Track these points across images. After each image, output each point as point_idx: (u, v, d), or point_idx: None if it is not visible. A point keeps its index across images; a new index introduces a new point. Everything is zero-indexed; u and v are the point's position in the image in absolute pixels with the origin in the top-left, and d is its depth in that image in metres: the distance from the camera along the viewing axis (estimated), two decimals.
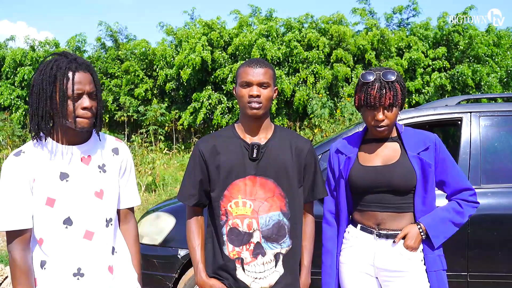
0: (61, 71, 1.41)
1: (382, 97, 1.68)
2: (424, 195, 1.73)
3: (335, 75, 10.80)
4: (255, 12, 12.44)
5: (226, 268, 1.66)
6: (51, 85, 1.41)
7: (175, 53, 11.94)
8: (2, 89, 11.66)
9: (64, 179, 1.46)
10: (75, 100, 1.42)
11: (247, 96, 1.63)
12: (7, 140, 8.70)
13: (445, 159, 1.76)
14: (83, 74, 1.44)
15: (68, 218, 1.46)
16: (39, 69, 1.45)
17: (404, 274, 1.71)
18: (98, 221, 1.51)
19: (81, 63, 1.46)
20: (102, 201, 1.53)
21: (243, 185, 1.65)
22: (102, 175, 1.54)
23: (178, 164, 9.56)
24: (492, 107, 2.83)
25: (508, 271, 2.55)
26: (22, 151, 1.46)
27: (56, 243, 1.46)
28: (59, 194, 1.45)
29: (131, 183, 1.68)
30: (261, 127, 1.70)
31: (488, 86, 10.95)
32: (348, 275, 1.82)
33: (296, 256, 1.71)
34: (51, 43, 12.42)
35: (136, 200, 1.70)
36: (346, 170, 1.81)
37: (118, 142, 1.67)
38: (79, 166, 1.50)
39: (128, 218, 1.69)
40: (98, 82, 1.51)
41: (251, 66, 1.65)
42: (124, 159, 1.64)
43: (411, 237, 1.70)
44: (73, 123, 1.43)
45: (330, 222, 1.91)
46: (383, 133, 1.76)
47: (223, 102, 11.21)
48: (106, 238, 1.54)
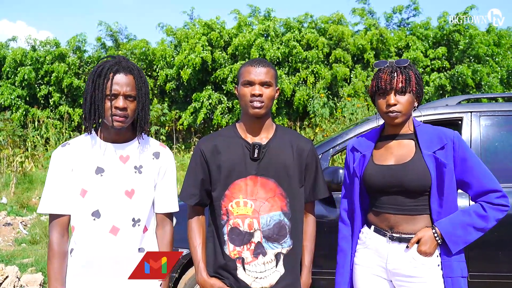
0: (104, 72, 1.52)
1: (393, 80, 1.63)
2: (441, 197, 1.61)
3: (334, 75, 10.79)
4: (254, 12, 12.44)
5: (227, 268, 1.66)
6: (94, 83, 1.53)
7: (175, 53, 11.94)
8: (3, 89, 11.65)
9: (99, 173, 1.56)
10: (111, 100, 1.51)
11: (249, 95, 1.64)
12: (7, 140, 8.69)
13: (466, 158, 1.62)
14: (123, 76, 1.53)
15: (97, 211, 1.54)
16: (92, 69, 1.58)
17: (418, 280, 1.62)
18: (124, 218, 1.56)
19: (124, 66, 1.55)
20: (131, 200, 1.57)
21: (244, 185, 1.65)
22: (136, 176, 1.59)
23: (178, 164, 9.55)
24: (492, 107, 2.83)
25: (509, 271, 2.55)
26: (68, 143, 1.60)
27: (84, 233, 1.54)
28: (92, 186, 1.54)
29: (169, 189, 1.69)
30: (262, 126, 1.71)
31: (489, 86, 10.94)
32: (362, 276, 1.76)
33: (297, 256, 1.71)
34: (51, 43, 12.41)
35: (174, 206, 1.70)
36: (361, 168, 1.75)
37: (162, 147, 1.71)
38: (116, 163, 1.58)
39: (164, 223, 1.70)
40: (141, 87, 1.58)
41: (253, 65, 1.66)
42: (164, 165, 1.67)
43: (424, 242, 1.60)
44: (109, 120, 1.52)
45: (345, 221, 1.85)
46: (396, 120, 1.66)
47: (223, 102, 11.21)
48: (132, 238, 1.57)
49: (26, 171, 8.03)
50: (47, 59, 11.74)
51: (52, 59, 11.76)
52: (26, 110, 11.52)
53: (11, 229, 5.61)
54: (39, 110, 11.51)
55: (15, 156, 8.21)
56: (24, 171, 7.96)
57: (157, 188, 1.66)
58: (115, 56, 1.60)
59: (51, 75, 11.65)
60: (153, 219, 1.69)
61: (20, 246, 5.02)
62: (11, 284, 3.52)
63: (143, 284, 1.56)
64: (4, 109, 11.41)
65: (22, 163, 7.92)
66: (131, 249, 1.56)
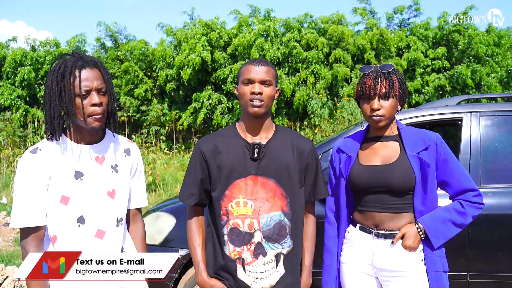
0: (68, 70, 1.43)
1: (377, 85, 1.70)
2: (424, 195, 1.70)
3: (335, 75, 10.79)
4: (255, 12, 12.44)
5: (226, 268, 1.66)
6: (59, 84, 1.43)
7: (175, 53, 11.94)
8: (3, 89, 11.64)
9: (78, 177, 1.48)
10: (83, 98, 1.43)
11: (249, 94, 1.64)
12: (7, 140, 8.69)
13: (447, 160, 1.73)
14: (89, 70, 1.45)
15: (81, 217, 1.48)
16: (50, 71, 1.48)
17: (403, 274, 1.70)
18: (109, 220, 1.53)
19: (87, 60, 1.47)
20: (114, 200, 1.55)
21: (244, 185, 1.65)
22: (114, 175, 1.57)
23: (178, 164, 9.56)
24: (492, 107, 2.84)
25: (508, 271, 2.55)
26: (38, 149, 1.47)
27: (68, 241, 1.48)
28: (74, 192, 1.47)
29: (140, 184, 1.70)
30: (262, 126, 1.71)
31: (488, 86, 10.94)
32: (349, 275, 1.81)
33: (297, 256, 1.71)
34: (51, 43, 12.40)
35: (144, 201, 1.71)
36: (347, 169, 1.81)
37: (130, 143, 1.69)
38: (93, 165, 1.52)
39: (136, 218, 1.71)
40: (108, 79, 1.51)
41: (253, 64, 1.66)
42: (135, 160, 1.66)
43: (409, 237, 1.68)
44: (83, 121, 1.44)
45: (331, 221, 1.91)
46: (379, 124, 1.74)
47: (223, 102, 11.20)
48: (116, 238, 1.56)
49: None
50: (47, 59, 11.74)
51: (52, 59, 11.75)
52: (26, 110, 11.51)
53: (11, 229, 5.61)
54: (39, 110, 11.50)
55: (15, 156, 8.22)
56: None
57: (131, 184, 1.65)
58: (69, 53, 1.51)
59: None
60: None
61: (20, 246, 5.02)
62: (11, 284, 3.52)
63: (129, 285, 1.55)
64: (4, 109, 11.41)
65: None
66: (115, 250, 1.55)
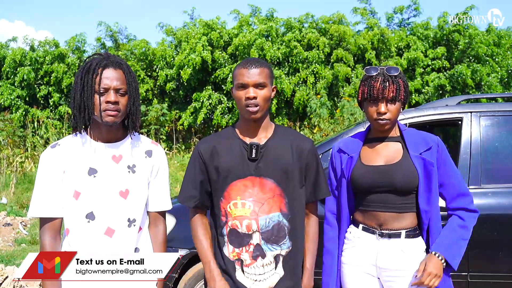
0: (92, 67, 1.50)
1: (385, 89, 1.69)
2: (429, 195, 1.71)
3: (336, 75, 10.79)
4: (255, 12, 12.44)
5: (226, 270, 1.65)
6: (83, 79, 1.50)
7: (175, 53, 11.94)
8: (2, 89, 11.64)
9: (92, 174, 1.53)
10: (101, 95, 1.49)
11: (244, 99, 1.61)
12: (7, 140, 8.70)
13: (446, 162, 1.75)
14: (112, 70, 1.51)
15: (91, 213, 1.51)
16: (80, 67, 1.56)
17: (406, 274, 1.70)
18: (120, 220, 1.54)
19: (113, 61, 1.53)
20: (125, 200, 1.55)
21: (242, 186, 1.64)
22: (130, 175, 1.58)
23: (178, 164, 9.56)
24: (492, 107, 2.83)
25: (508, 271, 2.55)
26: (58, 144, 1.56)
27: (78, 236, 1.51)
28: (85, 188, 1.51)
29: (162, 187, 1.68)
30: (260, 127, 1.69)
31: (488, 86, 10.94)
32: (350, 275, 1.81)
33: (296, 257, 1.69)
34: (51, 43, 12.40)
35: (167, 205, 1.69)
36: (349, 169, 1.80)
37: (154, 145, 1.69)
38: (108, 163, 1.55)
39: (157, 222, 1.69)
40: (131, 81, 1.56)
41: (246, 67, 1.62)
42: (157, 163, 1.66)
43: (436, 270, 1.65)
44: (99, 116, 1.49)
45: (331, 222, 1.90)
46: (385, 127, 1.75)
47: (223, 102, 11.20)
48: (127, 238, 1.56)
49: (26, 171, 8.03)
50: (46, 60, 11.73)
51: (51, 60, 11.74)
52: (26, 110, 11.51)
53: (11, 229, 5.61)
54: (38, 110, 11.50)
55: (15, 156, 8.22)
56: (24, 171, 7.96)
57: (151, 186, 1.65)
58: (102, 53, 1.59)
59: (50, 75, 11.63)
60: (146, 218, 1.68)
61: (20, 246, 5.02)
62: (11, 284, 3.52)
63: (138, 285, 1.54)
64: (4, 109, 11.40)
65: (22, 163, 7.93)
66: (127, 250, 1.55)
